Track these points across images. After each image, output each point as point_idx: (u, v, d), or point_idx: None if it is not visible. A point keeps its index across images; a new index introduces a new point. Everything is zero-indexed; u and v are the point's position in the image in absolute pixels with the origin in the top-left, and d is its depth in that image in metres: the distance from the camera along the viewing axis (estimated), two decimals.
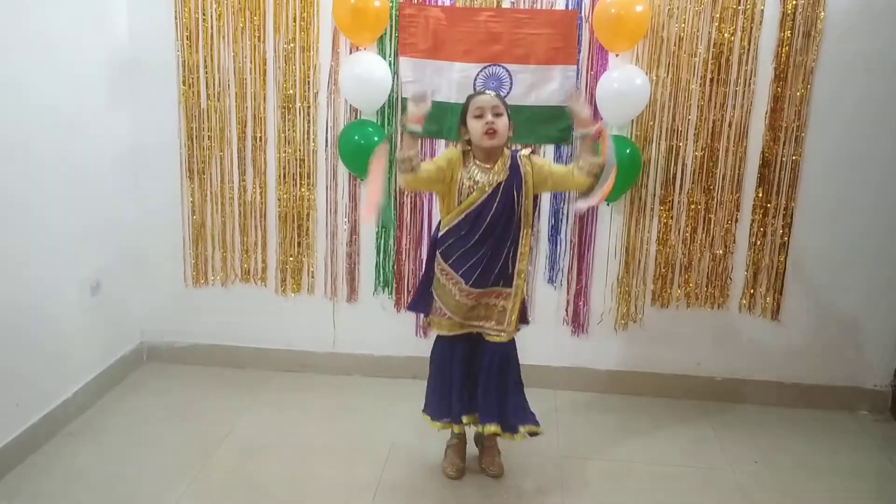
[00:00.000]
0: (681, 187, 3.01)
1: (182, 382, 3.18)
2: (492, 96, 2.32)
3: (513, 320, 2.38)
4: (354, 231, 3.18)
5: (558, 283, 3.15)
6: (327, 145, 3.10)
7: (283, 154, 3.12)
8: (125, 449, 2.65)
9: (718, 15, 2.83)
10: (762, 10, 2.82)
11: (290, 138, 3.10)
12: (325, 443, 2.73)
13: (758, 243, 3.03)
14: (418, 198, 3.12)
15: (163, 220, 3.22)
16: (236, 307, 3.31)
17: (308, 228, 3.19)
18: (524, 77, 2.94)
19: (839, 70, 2.84)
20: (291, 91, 3.05)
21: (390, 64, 2.95)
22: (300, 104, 3.06)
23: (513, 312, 2.38)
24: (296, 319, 3.29)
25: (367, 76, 2.88)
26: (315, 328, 3.29)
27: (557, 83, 2.93)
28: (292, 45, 3.01)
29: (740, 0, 2.82)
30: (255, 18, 3.00)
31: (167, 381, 3.19)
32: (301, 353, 3.31)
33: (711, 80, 2.89)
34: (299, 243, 3.21)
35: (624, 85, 2.80)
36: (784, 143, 2.92)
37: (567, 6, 2.89)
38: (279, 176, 3.14)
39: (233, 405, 2.99)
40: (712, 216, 3.02)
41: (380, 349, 3.28)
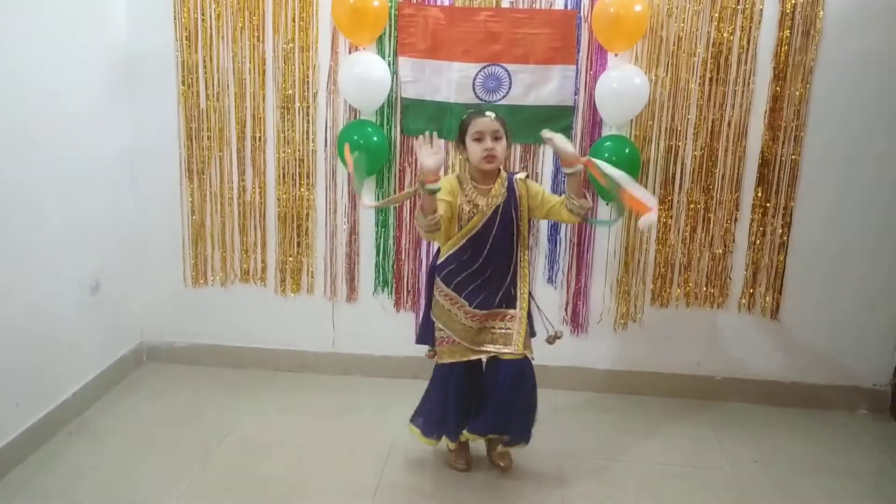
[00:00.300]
0: (680, 187, 3.01)
1: (182, 382, 3.19)
2: (492, 119, 2.27)
3: (520, 343, 2.34)
4: (354, 231, 3.18)
5: (558, 283, 3.15)
6: (326, 145, 3.10)
7: (283, 154, 3.12)
8: (125, 449, 2.65)
9: (717, 14, 2.83)
10: (761, 10, 2.82)
11: (290, 138, 3.10)
12: (325, 443, 2.73)
13: (757, 243, 3.03)
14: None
15: (162, 220, 3.23)
16: (236, 307, 3.31)
17: (307, 228, 3.19)
18: (523, 77, 2.94)
19: (838, 69, 2.84)
20: (290, 91, 3.05)
21: (389, 64, 2.95)
22: (299, 104, 3.06)
23: (519, 335, 2.34)
24: (295, 319, 3.29)
25: (367, 76, 2.88)
26: (315, 328, 3.29)
27: (556, 83, 2.93)
28: (291, 45, 3.01)
29: None
30: (255, 18, 3.00)
31: (167, 381, 3.19)
32: (301, 353, 3.31)
33: (710, 80, 2.89)
34: (299, 243, 3.21)
35: (623, 84, 2.80)
36: (783, 143, 2.92)
37: (566, 6, 2.89)
38: (278, 176, 3.14)
39: (232, 405, 2.99)
40: (712, 215, 3.02)
41: (379, 349, 3.28)
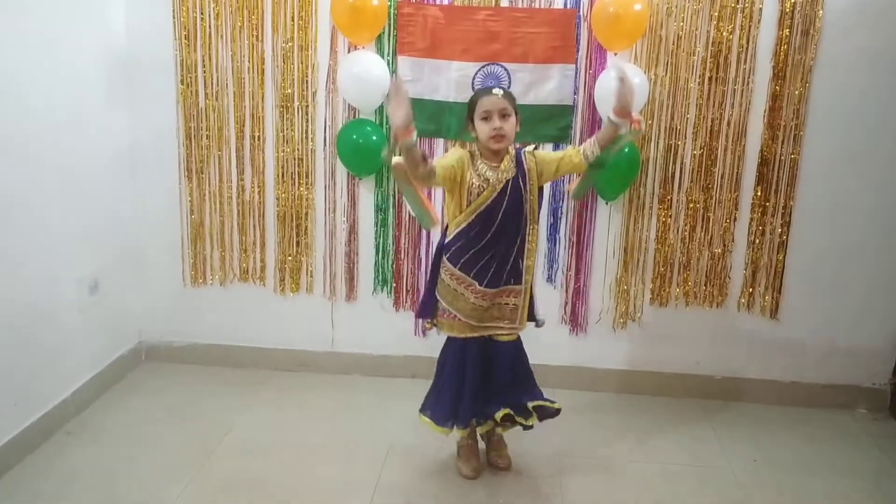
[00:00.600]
0: (679, 186, 3.01)
1: (180, 382, 3.18)
2: (499, 96, 2.27)
3: (524, 317, 2.43)
4: (353, 230, 3.18)
5: (557, 282, 3.15)
6: (326, 144, 3.10)
7: (282, 153, 3.12)
8: (124, 448, 2.64)
9: (717, 13, 2.83)
10: (761, 9, 2.82)
11: (289, 137, 3.09)
12: (324, 442, 2.73)
13: (756, 242, 3.03)
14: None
15: (161, 220, 3.22)
16: (235, 306, 3.30)
17: (306, 228, 3.19)
18: (523, 76, 2.94)
19: (838, 68, 2.84)
20: (290, 90, 3.04)
21: (389, 63, 2.95)
22: (298, 103, 3.05)
23: (524, 309, 2.42)
24: (294, 319, 3.28)
25: (366, 75, 2.87)
26: (314, 327, 3.28)
27: (556, 82, 2.93)
28: (290, 44, 3.00)
29: None
30: (253, 17, 2.99)
31: (166, 381, 3.19)
32: (300, 353, 3.31)
33: (710, 79, 2.89)
34: (298, 242, 3.21)
35: None
36: (783, 142, 2.92)
37: (565, 5, 2.89)
38: (277, 175, 3.14)
39: (231, 404, 2.99)
40: (711, 215, 3.02)
41: (379, 348, 3.28)
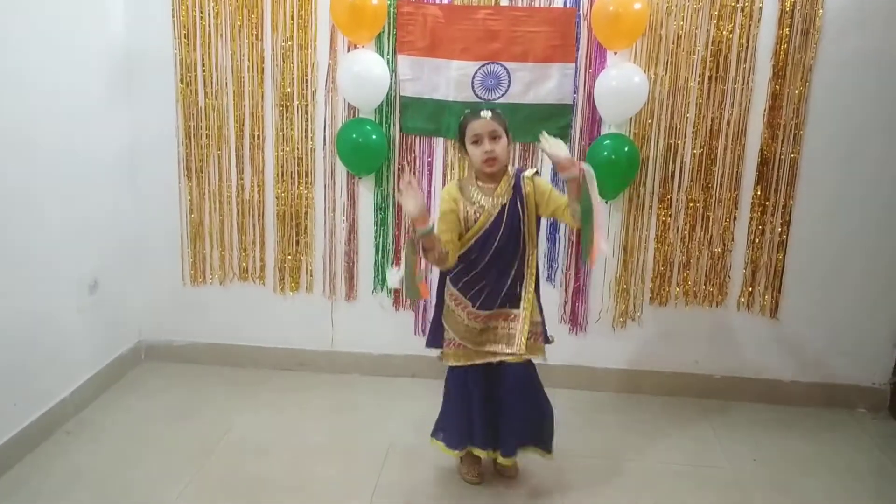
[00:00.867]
0: (679, 185, 3.01)
1: (180, 381, 3.18)
2: (488, 118, 2.20)
3: (523, 342, 2.31)
4: (353, 229, 3.18)
5: (556, 281, 3.15)
6: (325, 143, 3.10)
7: (281, 152, 3.11)
8: (123, 448, 2.65)
9: (717, 12, 2.82)
10: (761, 8, 2.82)
11: (288, 136, 3.09)
12: (324, 441, 2.73)
13: (756, 241, 3.03)
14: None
15: (161, 219, 3.22)
16: (235, 306, 3.30)
17: (306, 227, 3.19)
18: (522, 75, 2.93)
19: (838, 68, 2.84)
20: (289, 89, 3.04)
21: (388, 62, 2.95)
22: (298, 102, 3.05)
23: (522, 334, 2.32)
24: (294, 318, 3.28)
25: (366, 74, 2.87)
26: (313, 327, 3.28)
27: (556, 81, 2.93)
28: (290, 43, 3.00)
29: None
30: (253, 16, 2.99)
31: (165, 380, 3.19)
32: (299, 352, 3.31)
33: (710, 78, 2.89)
34: (297, 242, 3.21)
35: (622, 83, 2.80)
36: (783, 141, 2.92)
37: (565, 4, 2.89)
38: (277, 174, 3.14)
39: (231, 404, 2.99)
40: (711, 214, 3.02)
41: (378, 348, 3.28)
